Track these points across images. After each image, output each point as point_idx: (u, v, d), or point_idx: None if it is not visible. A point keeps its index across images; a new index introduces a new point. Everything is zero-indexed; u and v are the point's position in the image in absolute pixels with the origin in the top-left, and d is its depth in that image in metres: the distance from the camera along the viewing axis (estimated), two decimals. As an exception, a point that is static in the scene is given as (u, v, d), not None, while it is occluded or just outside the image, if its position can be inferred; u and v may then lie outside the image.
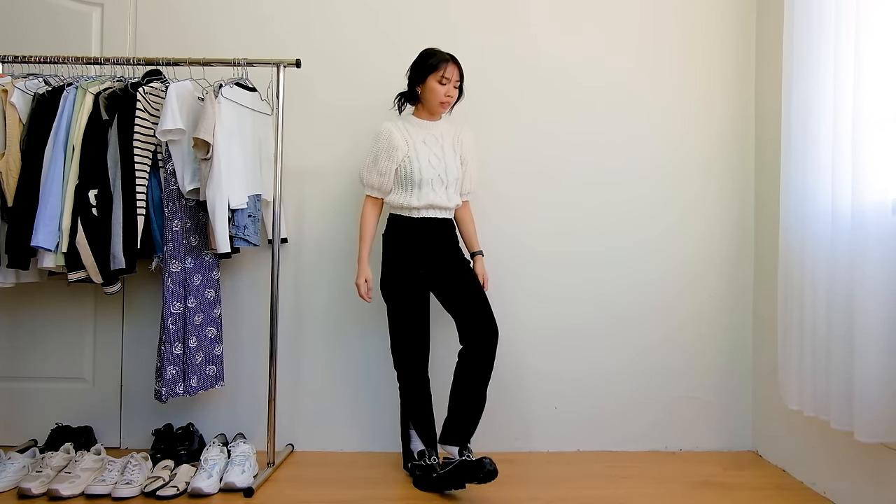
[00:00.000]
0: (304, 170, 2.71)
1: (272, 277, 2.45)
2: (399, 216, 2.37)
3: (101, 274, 2.32)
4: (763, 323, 2.68)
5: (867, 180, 1.88)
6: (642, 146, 2.77)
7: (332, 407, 2.71)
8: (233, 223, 2.40)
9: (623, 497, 2.22)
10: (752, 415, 2.75)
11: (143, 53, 2.67)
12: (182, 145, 2.37)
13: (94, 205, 2.31)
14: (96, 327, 2.71)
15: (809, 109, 2.14)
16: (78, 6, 2.73)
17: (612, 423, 2.74)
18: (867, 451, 2.00)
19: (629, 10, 2.79)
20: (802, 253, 2.16)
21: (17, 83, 2.37)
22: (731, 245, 2.78)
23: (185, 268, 2.41)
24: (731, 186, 2.78)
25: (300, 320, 2.73)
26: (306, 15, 2.76)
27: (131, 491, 2.14)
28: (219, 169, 2.31)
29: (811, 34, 2.13)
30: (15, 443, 2.60)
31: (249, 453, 2.36)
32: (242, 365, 2.70)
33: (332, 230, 2.73)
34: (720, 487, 2.32)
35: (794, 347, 2.18)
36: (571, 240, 2.76)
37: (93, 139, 2.32)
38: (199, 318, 2.45)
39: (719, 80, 2.79)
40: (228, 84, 2.41)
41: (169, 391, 2.35)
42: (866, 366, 1.83)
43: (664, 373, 2.76)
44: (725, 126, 2.79)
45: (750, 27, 2.80)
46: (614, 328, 2.75)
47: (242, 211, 2.43)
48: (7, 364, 2.70)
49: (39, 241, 2.23)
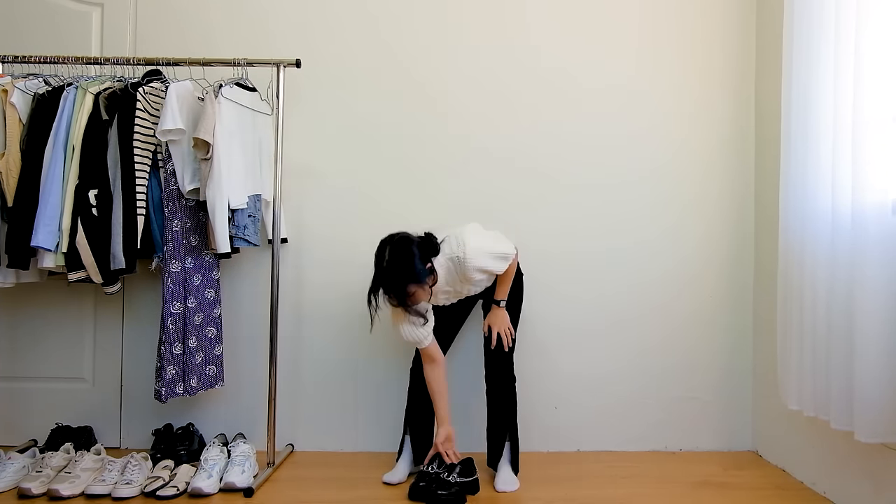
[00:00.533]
0: (304, 170, 2.71)
1: (272, 277, 2.45)
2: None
3: (101, 274, 2.32)
4: (763, 323, 2.68)
5: (867, 180, 1.88)
6: (642, 147, 2.77)
7: (332, 407, 2.71)
8: (233, 223, 2.40)
9: (623, 497, 2.22)
10: (753, 415, 2.75)
11: (143, 53, 2.67)
12: (182, 145, 2.37)
13: (94, 205, 2.31)
14: (96, 327, 2.71)
15: (809, 109, 2.14)
16: (78, 6, 2.73)
17: (612, 423, 2.74)
18: (867, 451, 2.00)
19: (629, 11, 2.79)
20: (802, 253, 2.16)
21: (17, 83, 2.37)
22: (731, 245, 2.78)
23: (185, 268, 2.41)
24: (731, 187, 2.78)
25: (300, 320, 2.73)
26: (305, 15, 2.76)
27: (131, 491, 2.14)
28: (219, 169, 2.31)
29: (811, 34, 2.13)
30: (15, 443, 2.60)
31: (249, 453, 2.36)
32: (242, 365, 2.70)
33: (332, 230, 2.72)
34: (720, 487, 2.32)
35: (794, 347, 2.18)
36: (571, 240, 2.75)
37: (93, 139, 2.32)
38: (199, 318, 2.45)
39: (719, 80, 2.79)
40: (228, 84, 2.41)
41: (169, 391, 2.35)
42: (866, 366, 1.83)
43: (664, 373, 2.76)
44: (725, 126, 2.79)
45: (750, 27, 2.80)
46: (614, 328, 2.75)
47: (242, 211, 2.43)
48: (7, 364, 2.70)
49: (39, 241, 2.23)
